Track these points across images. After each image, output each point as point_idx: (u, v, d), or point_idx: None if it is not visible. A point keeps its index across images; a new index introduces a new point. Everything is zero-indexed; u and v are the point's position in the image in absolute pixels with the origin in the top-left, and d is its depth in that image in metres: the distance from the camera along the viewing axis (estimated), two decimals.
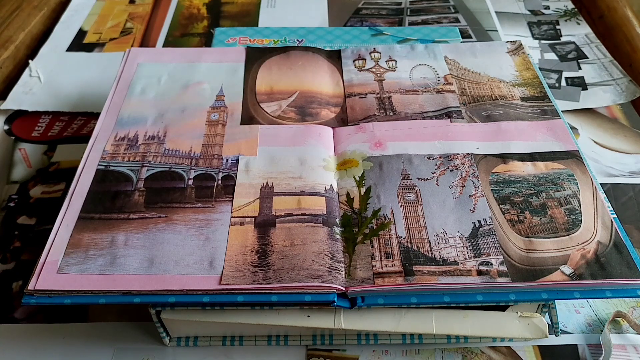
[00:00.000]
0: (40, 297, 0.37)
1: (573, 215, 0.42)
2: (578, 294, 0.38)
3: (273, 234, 0.41)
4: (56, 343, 0.44)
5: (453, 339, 0.43)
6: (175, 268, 0.38)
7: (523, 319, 0.41)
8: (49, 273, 0.38)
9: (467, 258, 0.39)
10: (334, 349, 0.43)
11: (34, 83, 0.69)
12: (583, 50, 0.73)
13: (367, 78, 0.56)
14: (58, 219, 0.42)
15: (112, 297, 0.37)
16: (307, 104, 0.53)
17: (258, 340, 0.43)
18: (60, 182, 0.57)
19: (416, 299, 0.38)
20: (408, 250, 0.40)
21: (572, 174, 0.45)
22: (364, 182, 0.45)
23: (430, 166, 0.46)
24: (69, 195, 0.44)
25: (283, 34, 0.67)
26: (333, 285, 0.38)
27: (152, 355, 0.43)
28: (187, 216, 0.42)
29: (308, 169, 0.46)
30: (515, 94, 0.53)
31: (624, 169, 0.58)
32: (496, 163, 0.46)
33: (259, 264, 0.39)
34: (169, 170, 0.46)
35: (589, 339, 0.44)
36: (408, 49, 0.59)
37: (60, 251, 0.39)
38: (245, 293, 0.37)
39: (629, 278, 0.38)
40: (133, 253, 0.39)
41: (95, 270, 0.38)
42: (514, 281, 0.38)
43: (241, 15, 0.81)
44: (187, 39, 0.77)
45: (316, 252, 0.40)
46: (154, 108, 0.52)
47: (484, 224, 0.41)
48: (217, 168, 0.46)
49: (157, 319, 0.41)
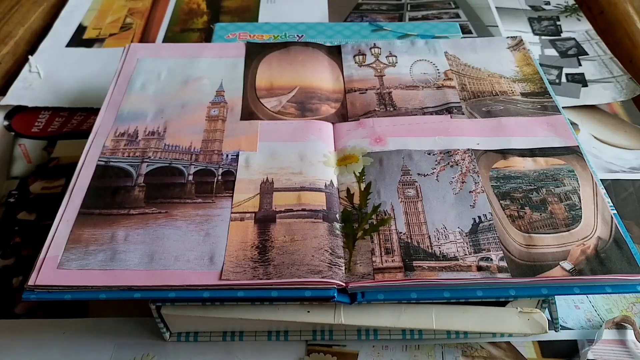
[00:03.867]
0: (41, 292, 0.37)
1: (573, 211, 0.42)
2: (578, 290, 0.38)
3: (273, 230, 0.41)
4: (56, 338, 0.44)
5: (453, 335, 0.43)
6: (175, 263, 0.38)
7: (523, 315, 0.41)
8: (50, 268, 0.38)
9: (467, 254, 0.39)
10: (334, 344, 0.43)
11: (34, 79, 0.69)
12: (583, 47, 0.73)
13: (367, 73, 0.56)
14: (58, 215, 0.42)
15: (113, 293, 0.37)
16: (307, 99, 0.53)
17: (258, 336, 0.43)
18: (60, 178, 0.57)
19: (416, 294, 0.38)
20: (408, 246, 0.40)
21: (573, 170, 0.45)
22: (364, 178, 0.45)
23: (431, 162, 0.46)
24: (69, 191, 0.44)
25: (283, 30, 0.67)
26: (333, 280, 0.38)
27: (153, 351, 0.43)
28: (187, 212, 0.42)
29: (308, 165, 0.46)
30: (516, 90, 0.53)
31: (624, 165, 0.58)
32: (496, 159, 0.46)
33: (259, 259, 0.39)
34: (169, 166, 0.46)
35: (589, 334, 0.44)
36: (408, 45, 0.59)
37: (61, 247, 0.39)
38: (246, 288, 0.38)
39: (629, 274, 0.38)
40: (133, 249, 0.39)
41: (95, 266, 0.38)
42: (514, 277, 0.38)
43: (241, 10, 0.81)
44: (187, 35, 0.77)
45: (316, 248, 0.40)
46: (154, 103, 0.52)
47: (484, 219, 0.41)
48: (217, 163, 0.46)
49: (157, 314, 0.41)
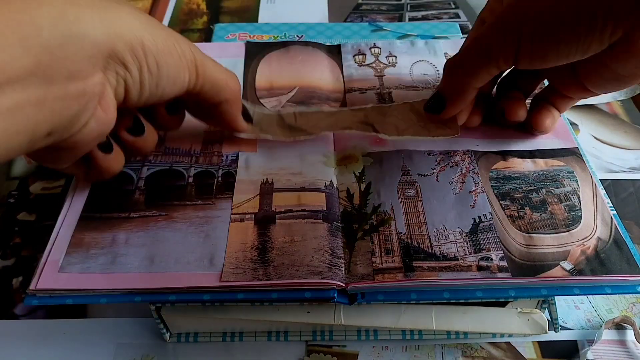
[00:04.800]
0: (43, 297, 0.37)
1: (573, 212, 0.42)
2: (577, 290, 0.38)
3: (273, 231, 0.41)
4: (57, 338, 0.44)
5: (453, 335, 0.43)
6: (175, 265, 0.38)
7: (523, 315, 0.41)
8: (51, 272, 0.38)
9: (468, 254, 0.39)
10: (334, 344, 0.43)
11: None
12: None
13: (367, 73, 0.56)
14: (59, 219, 0.42)
15: (113, 297, 0.37)
16: (307, 99, 0.53)
17: (258, 336, 0.43)
18: (60, 178, 0.57)
19: (416, 295, 0.39)
20: (408, 246, 0.40)
21: (572, 171, 0.45)
22: (364, 178, 0.45)
23: (430, 162, 0.46)
24: (69, 196, 0.44)
25: (283, 30, 0.67)
26: (333, 281, 0.38)
27: (153, 351, 0.43)
28: (187, 213, 0.42)
29: (308, 165, 0.46)
30: None
31: (624, 165, 0.58)
32: (496, 160, 0.46)
33: (259, 260, 0.39)
34: (170, 169, 0.46)
35: (589, 334, 0.44)
36: (408, 45, 0.59)
37: (62, 250, 0.39)
38: (246, 290, 0.38)
39: (629, 274, 0.38)
40: (134, 251, 0.39)
41: (96, 269, 0.38)
42: (514, 276, 0.38)
43: (241, 11, 0.81)
44: (187, 35, 0.77)
45: (316, 249, 0.40)
46: None
47: (484, 219, 0.42)
48: (217, 165, 0.46)
49: (157, 315, 0.41)
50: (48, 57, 0.29)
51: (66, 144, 0.34)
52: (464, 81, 0.42)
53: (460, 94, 0.43)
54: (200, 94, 0.40)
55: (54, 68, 0.30)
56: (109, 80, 0.34)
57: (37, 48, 0.29)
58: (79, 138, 0.34)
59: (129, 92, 0.35)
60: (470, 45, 0.42)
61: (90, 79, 0.32)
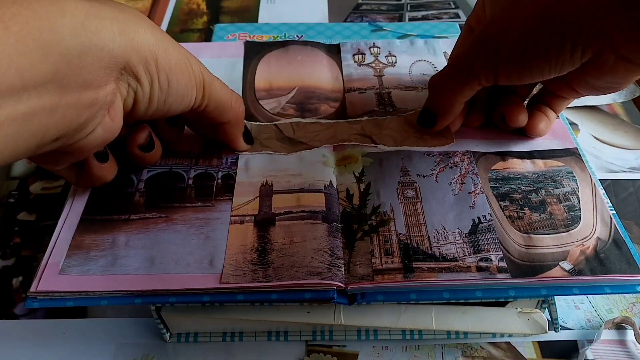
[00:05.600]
0: (44, 299, 0.37)
1: (572, 212, 0.42)
2: (577, 290, 0.38)
3: (273, 232, 0.41)
4: (57, 339, 0.44)
5: (453, 335, 0.43)
6: (175, 267, 0.38)
7: (523, 315, 0.41)
8: (51, 275, 0.38)
9: (467, 254, 0.39)
10: (334, 344, 0.43)
11: None
12: None
13: (366, 73, 0.56)
14: (60, 221, 0.42)
15: (114, 299, 0.37)
16: (307, 99, 0.53)
17: (258, 336, 0.43)
18: (60, 179, 0.57)
19: (416, 295, 0.39)
20: (407, 247, 0.40)
21: (571, 171, 0.45)
22: (363, 179, 0.45)
23: (430, 163, 0.46)
24: (70, 198, 0.44)
25: (283, 30, 0.67)
26: (332, 282, 0.38)
27: (153, 351, 0.43)
28: (187, 215, 0.42)
29: (307, 165, 0.46)
30: None
31: (624, 165, 0.58)
32: (495, 160, 0.46)
33: (259, 262, 0.39)
34: (170, 171, 0.46)
35: (589, 334, 0.44)
36: (407, 44, 0.59)
37: (62, 253, 0.39)
38: (245, 292, 0.38)
39: (628, 274, 0.38)
40: (134, 253, 0.39)
41: (96, 271, 0.38)
42: (513, 277, 0.38)
43: (241, 11, 0.81)
44: (187, 35, 0.77)
45: (316, 249, 0.40)
46: None
47: (483, 220, 0.42)
48: (217, 167, 0.46)
49: (157, 315, 0.41)
50: (66, 65, 0.29)
51: (70, 148, 0.35)
52: (449, 97, 0.44)
53: (447, 108, 0.45)
54: (204, 113, 0.41)
55: (70, 76, 0.30)
56: (120, 90, 0.34)
57: (56, 56, 0.29)
58: (84, 144, 0.35)
59: (138, 104, 0.36)
60: (453, 63, 0.44)
61: (103, 88, 0.33)
